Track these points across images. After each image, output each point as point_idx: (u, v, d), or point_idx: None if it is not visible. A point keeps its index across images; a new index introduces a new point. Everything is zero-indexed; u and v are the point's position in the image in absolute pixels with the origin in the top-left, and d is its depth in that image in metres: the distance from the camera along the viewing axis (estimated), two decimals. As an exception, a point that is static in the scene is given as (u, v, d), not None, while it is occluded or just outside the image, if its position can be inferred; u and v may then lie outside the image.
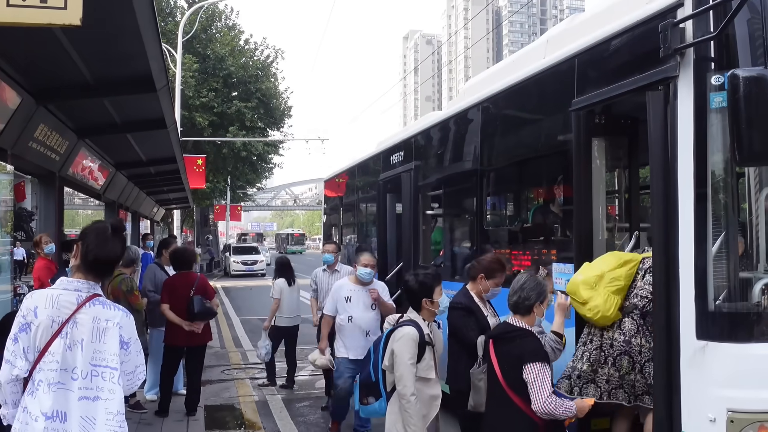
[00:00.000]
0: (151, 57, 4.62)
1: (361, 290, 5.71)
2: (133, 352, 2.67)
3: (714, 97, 3.26)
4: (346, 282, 5.87)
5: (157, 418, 6.43)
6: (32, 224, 7.02)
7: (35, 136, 5.98)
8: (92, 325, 2.57)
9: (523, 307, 3.53)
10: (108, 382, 2.56)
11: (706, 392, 3.24)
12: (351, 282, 5.81)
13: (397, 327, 3.83)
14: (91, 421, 2.52)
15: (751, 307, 3.31)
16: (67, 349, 2.54)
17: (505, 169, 5.85)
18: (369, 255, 5.86)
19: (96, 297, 2.63)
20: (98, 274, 2.70)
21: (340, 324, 5.72)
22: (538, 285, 3.58)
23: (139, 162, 10.29)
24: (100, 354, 2.56)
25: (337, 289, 5.81)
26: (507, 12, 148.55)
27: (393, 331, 3.84)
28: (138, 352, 2.71)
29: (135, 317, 6.63)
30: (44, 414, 2.48)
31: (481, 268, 4.35)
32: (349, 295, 5.71)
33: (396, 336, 3.75)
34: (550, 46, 5.20)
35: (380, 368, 3.85)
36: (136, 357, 2.69)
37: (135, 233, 15.66)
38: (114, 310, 2.64)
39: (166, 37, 22.61)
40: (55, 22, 3.05)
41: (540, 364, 3.33)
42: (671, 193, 3.43)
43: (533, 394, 3.29)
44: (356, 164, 10.33)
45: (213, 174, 29.63)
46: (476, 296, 4.33)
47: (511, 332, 3.52)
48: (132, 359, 2.67)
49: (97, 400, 2.54)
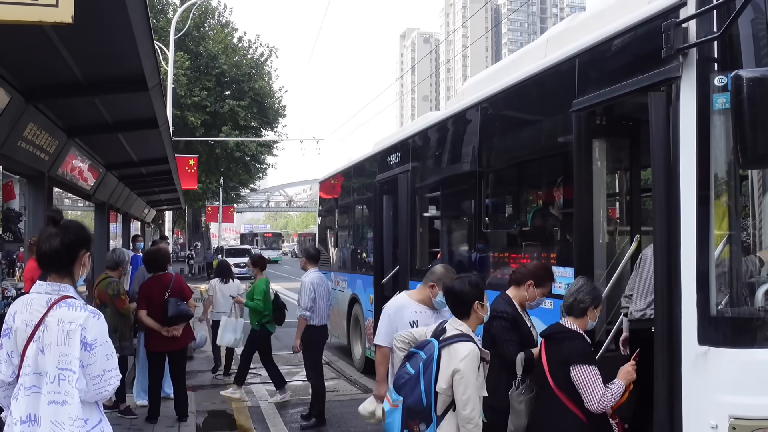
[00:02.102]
0: (143, 55, 4.55)
1: (429, 313, 4.25)
2: (100, 355, 2.56)
3: (717, 98, 3.23)
4: (406, 300, 4.36)
5: (148, 424, 6.33)
6: (20, 225, 6.91)
7: (24, 136, 5.88)
8: (58, 328, 2.54)
9: (577, 310, 3.59)
10: (72, 387, 2.52)
11: (708, 398, 3.21)
12: (414, 301, 4.32)
13: (449, 342, 3.41)
14: (60, 426, 2.50)
15: (754, 312, 3.27)
16: (40, 353, 2.54)
17: (504, 170, 5.80)
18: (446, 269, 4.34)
19: (65, 299, 2.59)
20: (50, 271, 2.66)
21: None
22: (594, 290, 3.66)
23: (130, 162, 10.17)
24: (65, 357, 2.52)
25: (397, 310, 4.28)
26: (506, 10, 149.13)
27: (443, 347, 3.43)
28: (107, 355, 2.58)
29: (123, 321, 6.56)
30: (20, 418, 2.51)
31: (531, 274, 4.01)
32: (415, 319, 4.22)
33: (458, 354, 3.35)
34: (550, 45, 5.16)
35: (432, 391, 3.39)
36: (103, 361, 2.57)
37: (126, 235, 15.53)
38: (79, 311, 2.57)
39: (157, 34, 22.48)
40: (46, 20, 3.00)
41: (588, 367, 3.40)
42: (673, 195, 3.40)
43: (585, 395, 3.37)
44: (352, 165, 10.27)
45: (205, 174, 29.52)
46: (519, 305, 4.02)
47: (562, 332, 3.59)
48: (98, 362, 2.55)
49: (65, 404, 2.51)
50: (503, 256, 5.39)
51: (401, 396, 3.42)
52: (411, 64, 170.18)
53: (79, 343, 2.53)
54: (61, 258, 2.65)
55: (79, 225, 2.80)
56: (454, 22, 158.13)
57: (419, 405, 3.37)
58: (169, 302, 6.21)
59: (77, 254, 2.68)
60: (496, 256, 5.47)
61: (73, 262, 2.68)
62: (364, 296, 9.01)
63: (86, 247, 2.72)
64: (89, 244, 2.75)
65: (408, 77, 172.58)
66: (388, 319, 4.24)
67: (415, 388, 3.40)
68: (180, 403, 6.50)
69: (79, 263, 2.70)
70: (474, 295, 3.50)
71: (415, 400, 3.38)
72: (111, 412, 6.17)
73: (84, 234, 2.75)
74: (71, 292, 2.63)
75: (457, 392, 3.32)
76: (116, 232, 14.71)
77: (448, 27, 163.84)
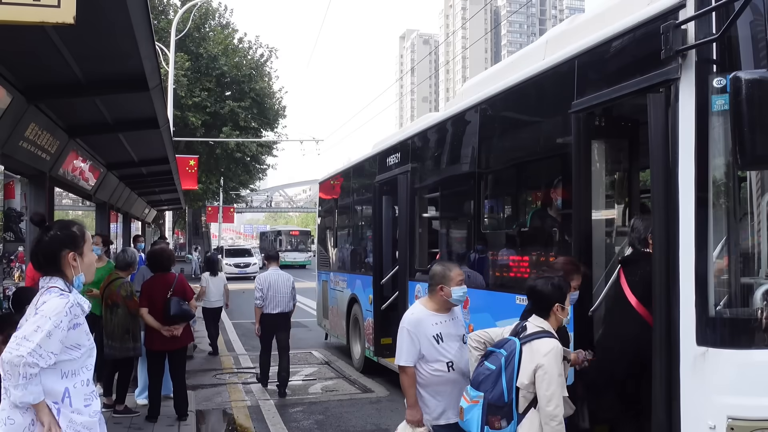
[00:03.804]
0: (144, 56, 4.57)
1: (448, 319, 3.96)
2: (31, 321, 2.56)
3: (716, 100, 3.23)
4: (423, 312, 3.95)
5: (148, 423, 6.34)
6: (21, 225, 6.92)
7: (26, 135, 5.90)
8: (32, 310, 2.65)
9: (641, 241, 3.97)
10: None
11: (706, 399, 3.21)
12: (431, 311, 3.95)
13: (530, 339, 3.40)
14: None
15: (752, 313, 3.28)
16: None
17: (503, 171, 5.81)
18: (459, 268, 4.11)
19: (50, 288, 2.68)
20: (40, 269, 2.75)
21: (431, 376, 3.89)
22: (645, 220, 3.94)
23: (130, 162, 10.20)
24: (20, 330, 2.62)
25: (416, 325, 3.89)
26: (506, 12, 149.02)
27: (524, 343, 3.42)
28: (38, 327, 2.53)
29: (134, 323, 6.59)
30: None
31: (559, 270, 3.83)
32: (438, 332, 3.89)
33: (540, 350, 3.33)
34: (549, 47, 5.16)
35: (514, 386, 3.36)
36: (31, 329, 2.53)
37: (126, 235, 15.54)
38: (48, 295, 2.63)
39: (158, 35, 22.49)
40: (48, 21, 3.02)
41: None
42: (672, 197, 3.40)
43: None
44: (352, 166, 10.28)
45: (206, 175, 29.53)
46: None
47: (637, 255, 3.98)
48: (24, 327, 2.55)
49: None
50: (502, 256, 5.39)
51: (481, 392, 3.41)
52: (410, 65, 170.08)
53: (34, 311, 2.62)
54: (39, 260, 2.72)
55: (63, 225, 2.81)
56: (454, 24, 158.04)
57: (501, 400, 3.36)
58: (171, 301, 6.24)
59: (58, 256, 2.70)
60: (495, 256, 5.48)
61: (57, 263, 2.71)
62: (364, 296, 9.02)
63: (70, 248, 2.73)
64: (74, 245, 2.75)
65: (407, 78, 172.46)
66: (408, 336, 3.88)
67: (496, 383, 3.38)
68: (180, 402, 6.52)
69: (65, 263, 2.71)
70: (555, 298, 3.50)
71: (496, 395, 3.37)
72: (107, 411, 6.18)
73: (66, 234, 2.75)
74: (59, 284, 2.69)
75: (540, 388, 3.30)
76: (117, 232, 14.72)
77: (448, 28, 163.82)
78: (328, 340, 11.78)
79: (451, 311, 3.99)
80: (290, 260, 40.65)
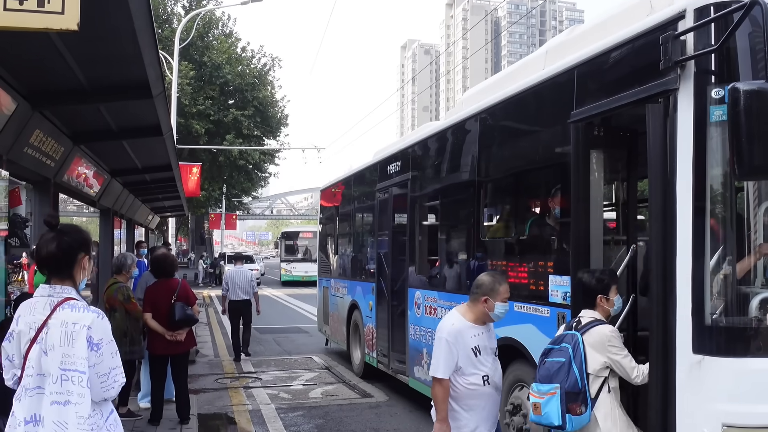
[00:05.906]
0: (147, 63, 4.60)
1: (485, 331, 3.81)
2: (106, 354, 2.61)
3: (714, 111, 3.26)
4: (463, 323, 3.75)
5: (150, 427, 6.39)
6: (27, 231, 6.95)
7: (30, 142, 5.94)
8: (61, 330, 2.57)
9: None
10: (77, 386, 2.55)
11: (701, 406, 3.23)
12: (470, 322, 3.76)
13: (587, 328, 3.64)
14: (63, 426, 2.53)
15: (748, 321, 3.30)
16: (43, 354, 2.58)
17: (502, 180, 5.83)
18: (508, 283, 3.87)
19: (67, 300, 2.63)
20: (51, 274, 2.70)
21: (465, 390, 3.70)
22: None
23: (134, 169, 10.24)
24: (69, 358, 2.56)
25: (456, 336, 3.68)
26: (506, 23, 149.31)
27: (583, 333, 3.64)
28: (112, 354, 2.64)
29: (133, 325, 6.63)
30: (24, 419, 2.55)
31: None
32: (477, 344, 3.73)
33: (603, 337, 3.60)
34: (549, 57, 5.19)
35: (585, 373, 3.57)
36: (110, 359, 2.63)
37: (130, 241, 15.58)
38: (83, 312, 2.61)
39: (162, 43, 22.61)
40: (53, 27, 3.02)
41: None
42: (670, 206, 3.42)
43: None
44: (352, 174, 10.31)
45: (208, 182, 29.63)
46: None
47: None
48: (105, 361, 2.61)
49: (68, 404, 2.54)
50: (501, 264, 5.41)
51: (556, 383, 3.56)
52: (411, 75, 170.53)
53: (86, 343, 2.56)
54: (59, 262, 2.68)
55: (77, 228, 2.82)
56: (455, 34, 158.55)
57: (576, 387, 3.54)
58: (176, 306, 6.29)
59: (75, 258, 2.70)
60: (495, 264, 5.49)
61: (72, 265, 2.70)
62: (364, 303, 9.03)
63: (85, 251, 2.74)
64: (88, 248, 2.77)
65: (408, 88, 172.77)
66: (447, 346, 3.65)
67: (569, 373, 3.56)
68: (182, 405, 6.56)
69: (78, 266, 2.72)
70: (598, 289, 3.78)
71: (571, 384, 3.55)
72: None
73: (82, 237, 2.76)
74: (73, 294, 2.67)
75: (615, 363, 3.60)
76: (120, 238, 14.76)
77: (449, 38, 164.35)
78: (329, 345, 11.79)
79: (487, 323, 3.86)
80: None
